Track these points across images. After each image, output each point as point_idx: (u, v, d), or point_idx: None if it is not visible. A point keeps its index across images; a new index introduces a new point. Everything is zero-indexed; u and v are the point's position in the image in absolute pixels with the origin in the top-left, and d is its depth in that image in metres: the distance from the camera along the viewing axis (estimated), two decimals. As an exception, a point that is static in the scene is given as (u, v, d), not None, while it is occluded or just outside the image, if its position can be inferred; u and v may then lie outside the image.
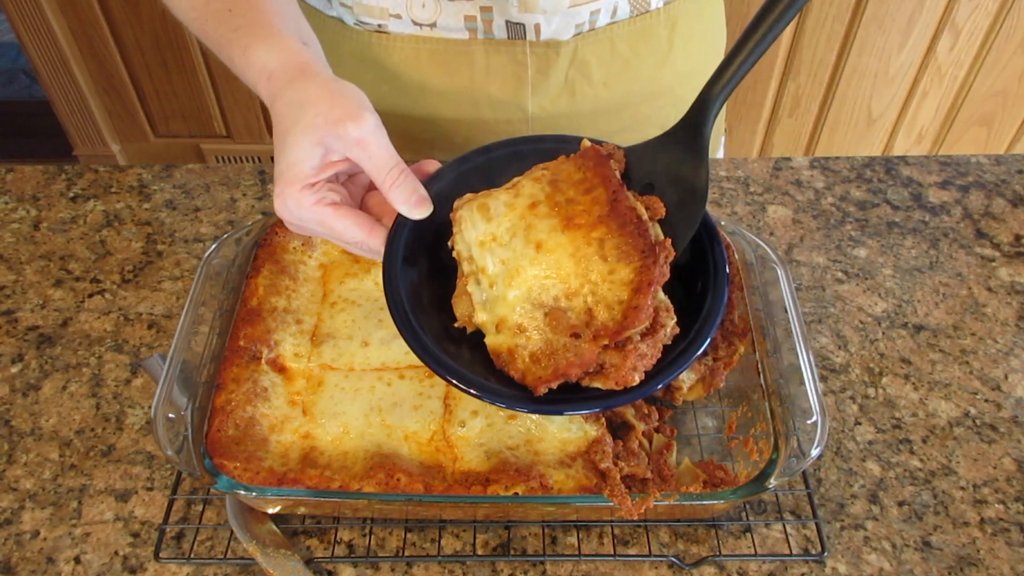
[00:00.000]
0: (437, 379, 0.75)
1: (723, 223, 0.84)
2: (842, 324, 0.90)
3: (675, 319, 0.63)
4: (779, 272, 0.78)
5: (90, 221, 1.03)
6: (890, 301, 0.92)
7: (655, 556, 0.71)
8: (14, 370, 0.86)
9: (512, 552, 0.71)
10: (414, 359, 0.76)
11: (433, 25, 0.90)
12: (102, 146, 2.50)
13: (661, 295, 0.63)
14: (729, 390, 0.77)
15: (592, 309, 0.63)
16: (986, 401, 0.83)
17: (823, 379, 0.85)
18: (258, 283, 0.80)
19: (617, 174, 0.68)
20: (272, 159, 0.69)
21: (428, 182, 0.71)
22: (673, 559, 0.70)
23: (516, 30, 0.90)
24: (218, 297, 0.79)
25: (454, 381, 0.63)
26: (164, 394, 0.69)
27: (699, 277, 0.67)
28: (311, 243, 0.86)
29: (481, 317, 0.66)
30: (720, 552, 0.71)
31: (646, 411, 0.74)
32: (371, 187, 0.74)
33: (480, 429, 0.71)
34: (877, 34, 1.99)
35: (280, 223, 0.85)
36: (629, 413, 0.73)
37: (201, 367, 0.74)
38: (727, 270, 0.66)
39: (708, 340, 0.63)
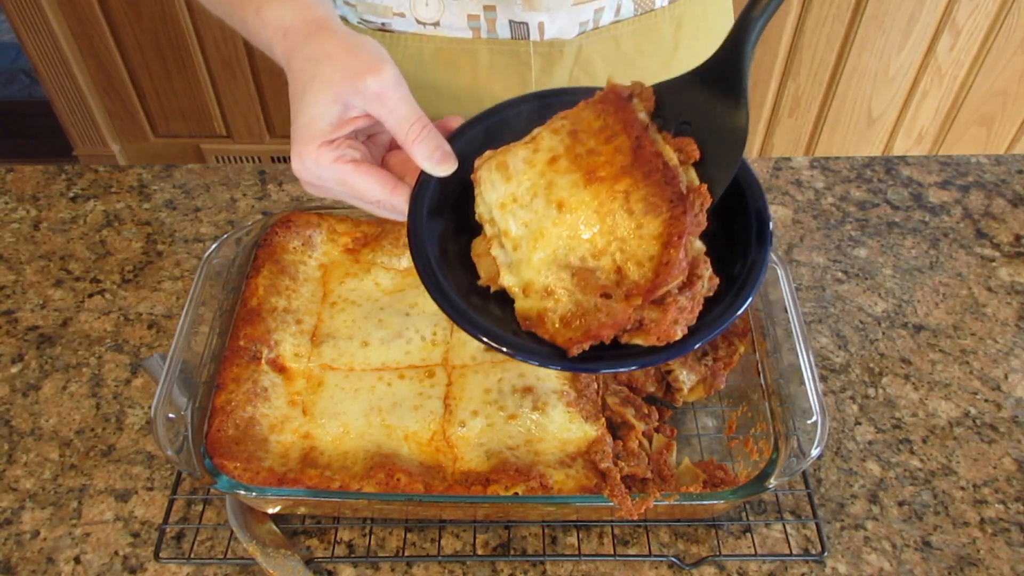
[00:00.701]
0: (437, 379, 0.75)
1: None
2: (842, 324, 0.90)
3: (711, 270, 0.59)
4: (779, 272, 0.78)
5: (90, 221, 1.03)
6: (890, 301, 0.92)
7: (655, 556, 0.71)
8: (14, 370, 0.86)
9: (512, 552, 0.71)
10: (414, 359, 0.76)
11: (437, 24, 0.90)
12: (102, 146, 2.50)
13: (697, 243, 0.59)
14: (729, 390, 0.77)
15: (622, 267, 0.60)
16: (986, 401, 0.83)
17: (823, 379, 0.85)
18: (258, 283, 0.80)
19: (642, 115, 0.64)
20: (272, 159, 0.68)
21: (452, 138, 0.68)
22: (673, 559, 0.70)
23: (520, 29, 0.90)
24: (218, 297, 0.79)
25: (484, 339, 0.60)
26: (164, 394, 0.68)
27: (739, 228, 0.63)
28: (311, 243, 0.86)
29: (507, 281, 0.63)
30: (720, 552, 0.71)
31: (646, 411, 0.74)
32: (392, 147, 0.72)
33: (480, 429, 0.71)
34: (877, 34, 1.99)
35: (280, 223, 0.85)
36: (629, 413, 0.73)
37: (201, 367, 0.74)
38: (770, 216, 0.62)
39: (754, 292, 0.59)
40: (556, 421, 0.71)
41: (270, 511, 0.72)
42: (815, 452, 0.65)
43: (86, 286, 0.95)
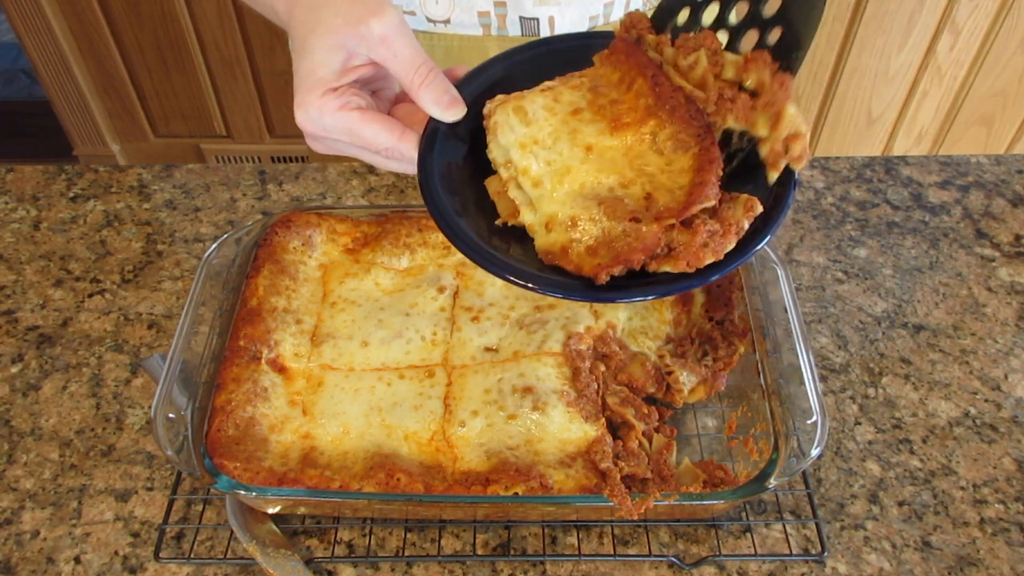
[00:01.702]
0: (437, 379, 0.75)
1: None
2: (842, 324, 0.90)
3: (747, 197, 0.57)
4: (779, 272, 0.78)
5: (90, 221, 1.03)
6: (890, 301, 0.92)
7: (655, 556, 0.71)
8: (14, 370, 0.86)
9: (512, 552, 0.71)
10: (414, 359, 0.76)
11: (447, 22, 0.90)
12: (102, 146, 2.50)
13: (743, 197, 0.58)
14: (729, 390, 0.77)
15: (652, 194, 0.58)
16: (986, 401, 0.83)
17: (823, 379, 0.85)
18: (258, 283, 0.80)
19: (653, 54, 0.63)
20: (272, 159, 0.68)
21: (459, 85, 0.66)
22: (673, 559, 0.70)
23: (530, 25, 0.90)
24: (218, 297, 0.79)
25: (508, 276, 0.59)
26: (164, 394, 0.68)
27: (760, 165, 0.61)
28: (311, 243, 0.86)
29: (528, 218, 0.62)
30: (720, 552, 0.71)
31: (646, 411, 0.74)
32: (397, 100, 0.70)
33: (480, 429, 0.71)
34: (877, 34, 1.99)
35: (280, 223, 0.85)
36: (629, 413, 0.73)
37: (201, 367, 0.74)
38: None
39: (778, 224, 0.57)
40: (556, 421, 0.71)
41: (270, 511, 0.72)
42: (815, 452, 0.65)
43: (86, 286, 0.95)
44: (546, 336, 0.77)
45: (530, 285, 0.58)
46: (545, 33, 0.90)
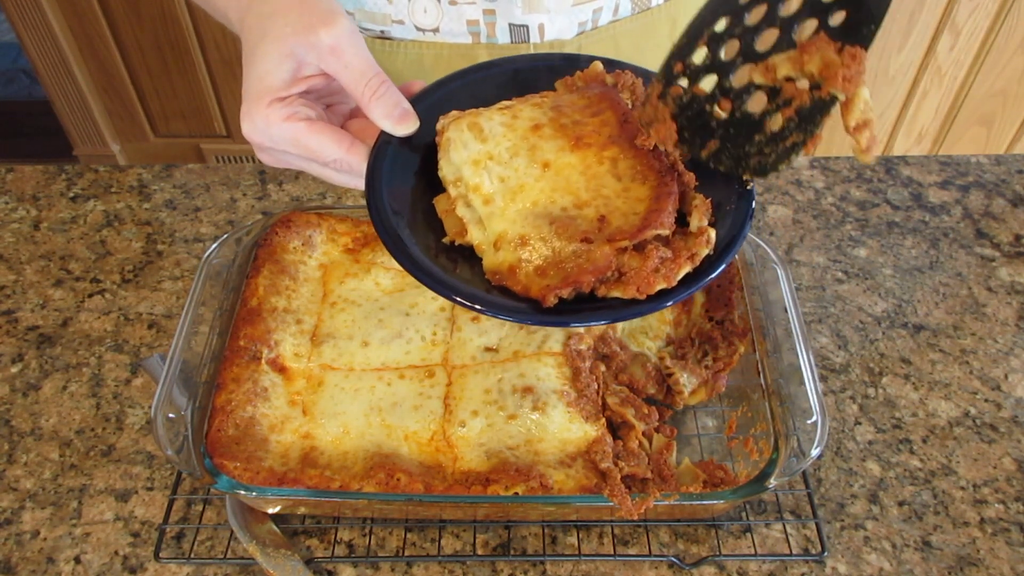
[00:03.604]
0: (437, 379, 0.75)
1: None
2: (842, 324, 0.90)
3: (707, 223, 0.56)
4: (779, 272, 0.78)
5: (90, 221, 1.03)
6: (890, 301, 0.92)
7: (655, 556, 0.71)
8: (14, 370, 0.86)
9: (512, 552, 0.71)
10: (414, 359, 0.76)
11: (436, 30, 0.90)
12: (102, 146, 2.50)
13: (700, 200, 0.58)
14: (729, 390, 0.77)
15: (606, 216, 0.57)
16: (986, 401, 0.83)
17: (823, 379, 0.85)
18: (258, 283, 0.80)
19: (628, 102, 0.63)
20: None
21: (414, 99, 0.65)
22: (673, 559, 0.70)
23: (519, 33, 0.89)
24: (218, 297, 0.79)
25: (452, 296, 0.57)
26: (164, 394, 0.68)
27: (722, 188, 0.61)
28: (311, 243, 0.86)
29: (476, 236, 0.60)
30: (720, 552, 0.71)
31: (646, 411, 0.74)
32: (352, 115, 0.68)
33: (480, 429, 0.71)
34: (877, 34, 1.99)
35: (280, 223, 0.85)
36: (629, 413, 0.73)
37: (201, 367, 0.74)
38: (753, 187, 0.60)
39: (734, 252, 0.57)
40: (556, 421, 0.71)
41: (270, 511, 0.72)
42: (815, 452, 0.65)
43: (86, 286, 0.95)
44: (546, 336, 0.77)
45: (477, 307, 0.57)
46: (535, 41, 0.90)
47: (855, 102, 0.49)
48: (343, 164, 0.63)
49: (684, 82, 0.58)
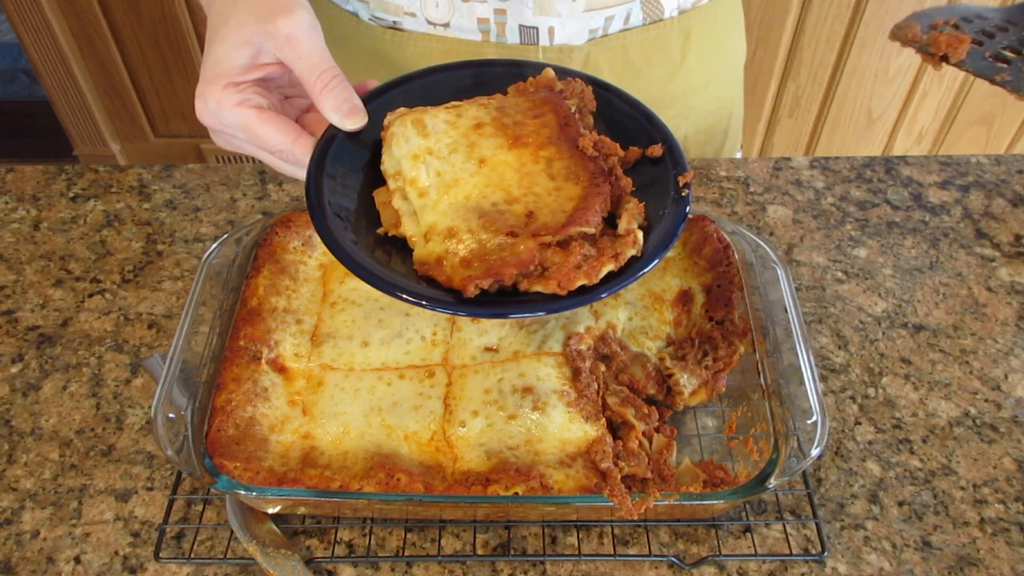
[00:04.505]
0: (437, 379, 0.75)
1: (723, 223, 0.84)
2: (842, 324, 0.90)
3: (638, 230, 0.58)
4: (779, 272, 0.78)
5: (90, 221, 1.03)
6: (890, 301, 0.92)
7: (655, 556, 0.71)
8: (14, 370, 0.86)
9: (512, 552, 0.71)
10: (414, 359, 0.77)
11: (447, 25, 0.90)
12: (102, 146, 2.50)
13: (633, 203, 0.60)
14: (729, 390, 0.77)
15: (534, 213, 0.59)
16: (986, 401, 0.83)
17: (823, 379, 0.85)
18: (258, 283, 0.80)
19: (573, 108, 0.65)
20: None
21: (366, 97, 0.66)
22: (673, 559, 0.70)
23: (529, 34, 0.89)
24: (218, 297, 0.79)
25: (372, 281, 0.58)
26: (164, 394, 0.68)
27: (660, 186, 0.63)
28: (311, 243, 0.86)
29: (409, 229, 0.61)
30: (720, 552, 0.71)
31: (646, 411, 0.74)
32: (310, 109, 0.69)
33: (480, 429, 0.71)
34: (877, 34, 1.99)
35: (280, 223, 0.85)
36: (629, 413, 0.73)
37: (201, 367, 0.74)
38: (688, 178, 0.62)
39: (662, 255, 0.59)
40: (556, 421, 0.71)
41: (270, 511, 0.72)
42: (815, 452, 0.65)
43: (86, 286, 0.95)
44: (546, 336, 0.77)
45: (402, 296, 0.57)
46: (544, 43, 0.90)
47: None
48: (288, 155, 0.64)
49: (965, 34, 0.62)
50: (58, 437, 0.80)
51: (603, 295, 0.57)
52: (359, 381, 0.75)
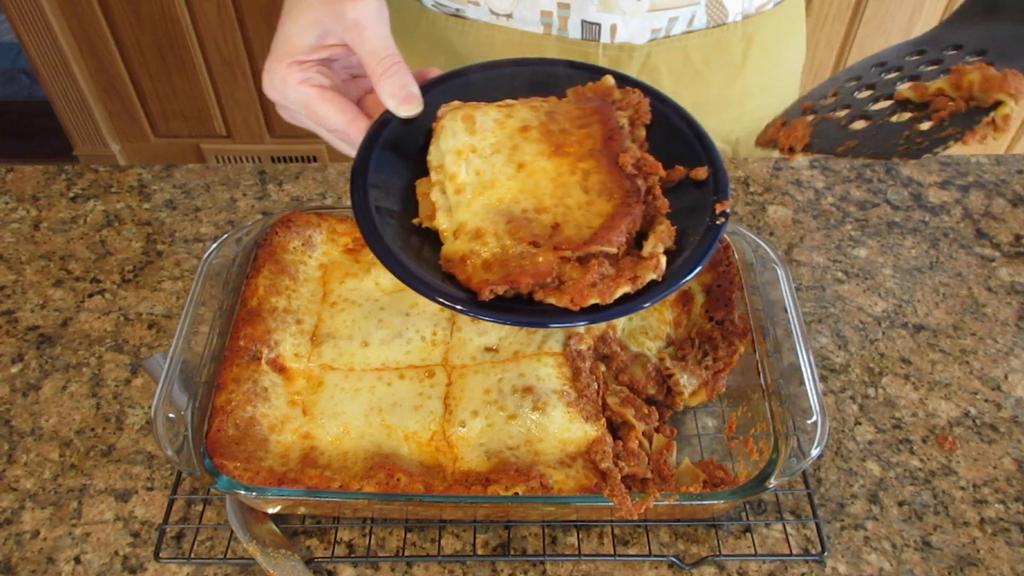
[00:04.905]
0: (437, 379, 0.75)
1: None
2: (842, 324, 0.90)
3: (667, 251, 0.58)
4: (779, 272, 0.78)
5: (90, 221, 1.03)
6: (890, 301, 0.92)
7: (655, 556, 0.71)
8: (14, 370, 0.86)
9: (512, 552, 0.71)
10: (414, 359, 0.77)
11: (510, 16, 0.90)
12: (102, 146, 2.50)
13: (665, 226, 0.59)
14: (729, 390, 0.77)
15: (560, 225, 0.59)
16: (986, 401, 0.83)
17: (823, 379, 0.85)
18: (258, 283, 0.80)
19: (623, 121, 0.64)
20: (272, 159, 0.68)
21: (424, 85, 0.67)
22: (673, 559, 0.70)
23: (591, 30, 0.89)
24: (218, 297, 0.79)
25: (391, 266, 0.59)
26: (164, 394, 0.68)
27: (695, 213, 0.62)
28: (311, 243, 0.86)
29: (442, 223, 0.62)
30: (720, 552, 0.71)
31: (646, 411, 0.74)
32: (371, 91, 0.70)
33: (480, 429, 0.71)
34: (877, 34, 1.99)
35: (280, 223, 0.85)
36: (629, 413, 0.73)
37: (201, 367, 0.74)
38: (724, 223, 0.61)
39: (681, 283, 0.58)
40: (556, 421, 0.71)
41: (270, 511, 0.72)
42: (815, 452, 0.65)
43: (86, 286, 0.95)
44: (546, 336, 0.77)
45: (411, 283, 0.58)
46: (606, 40, 0.89)
47: (1010, 109, 0.55)
48: (343, 135, 0.66)
49: (811, 116, 0.62)
50: (58, 437, 0.80)
51: (615, 315, 0.57)
52: (359, 381, 0.75)
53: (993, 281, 0.95)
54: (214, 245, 0.81)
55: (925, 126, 0.57)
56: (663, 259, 0.59)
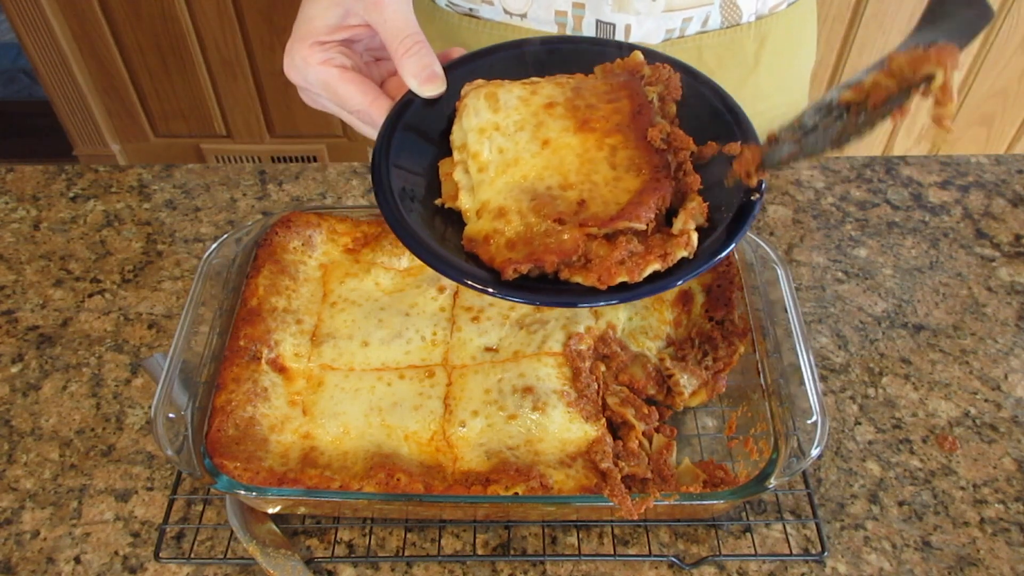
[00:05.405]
0: (437, 379, 0.75)
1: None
2: (842, 324, 0.90)
3: (700, 228, 0.55)
4: (779, 272, 0.78)
5: (90, 221, 1.03)
6: (890, 301, 0.92)
7: (655, 556, 0.71)
8: (14, 370, 0.86)
9: (512, 552, 0.71)
10: (414, 359, 0.76)
11: (524, 16, 0.90)
12: (102, 146, 2.50)
13: (696, 202, 0.57)
14: (729, 390, 0.77)
15: (586, 200, 0.57)
16: (986, 401, 0.83)
17: (823, 379, 0.85)
18: (258, 283, 0.80)
19: (653, 98, 0.63)
20: (272, 159, 0.68)
21: (449, 65, 0.66)
22: (673, 559, 0.70)
23: (605, 30, 0.89)
24: (218, 297, 0.79)
25: (414, 249, 0.58)
26: (164, 394, 0.68)
27: (725, 200, 0.60)
28: (311, 243, 0.86)
29: (465, 202, 0.61)
30: (720, 552, 0.71)
31: (646, 411, 0.74)
32: (394, 73, 0.70)
33: (480, 429, 0.71)
34: (877, 34, 1.99)
35: (280, 223, 0.85)
36: (629, 413, 0.73)
37: (201, 367, 0.74)
38: (755, 209, 0.59)
39: (716, 260, 0.56)
40: (556, 421, 0.71)
41: (270, 511, 0.72)
42: (815, 452, 0.65)
43: (86, 286, 0.95)
44: (546, 336, 0.77)
45: (428, 261, 0.57)
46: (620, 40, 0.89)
47: (943, 78, 0.53)
48: (364, 116, 0.65)
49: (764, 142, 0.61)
50: (58, 437, 0.80)
51: (644, 294, 0.55)
52: (359, 381, 0.75)
53: (993, 281, 0.95)
54: (214, 245, 0.81)
55: (862, 118, 0.57)
56: (695, 236, 0.56)
